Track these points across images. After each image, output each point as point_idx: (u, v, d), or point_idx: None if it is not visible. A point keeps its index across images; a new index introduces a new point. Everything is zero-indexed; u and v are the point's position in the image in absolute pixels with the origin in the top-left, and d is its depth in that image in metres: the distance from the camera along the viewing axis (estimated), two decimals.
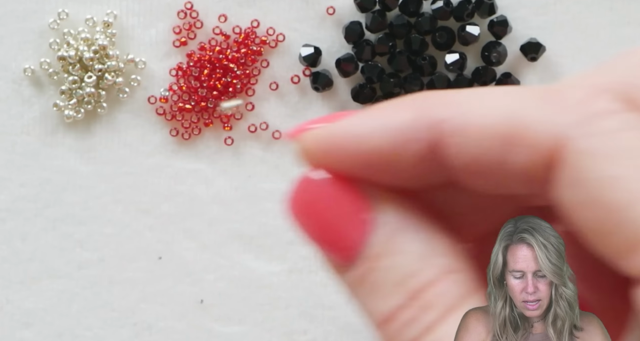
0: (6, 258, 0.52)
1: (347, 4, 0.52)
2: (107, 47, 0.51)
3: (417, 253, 0.35)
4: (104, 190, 0.52)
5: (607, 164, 0.30)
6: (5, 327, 0.52)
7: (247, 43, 0.52)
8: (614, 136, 0.30)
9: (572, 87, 0.32)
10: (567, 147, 0.31)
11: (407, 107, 0.37)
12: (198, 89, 0.52)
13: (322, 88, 0.52)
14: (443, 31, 0.52)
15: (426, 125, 0.36)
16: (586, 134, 0.31)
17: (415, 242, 0.36)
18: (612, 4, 0.53)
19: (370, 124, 0.39)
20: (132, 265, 0.52)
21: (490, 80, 0.52)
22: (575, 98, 0.32)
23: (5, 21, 0.52)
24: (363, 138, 0.39)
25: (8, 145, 0.52)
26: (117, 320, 0.52)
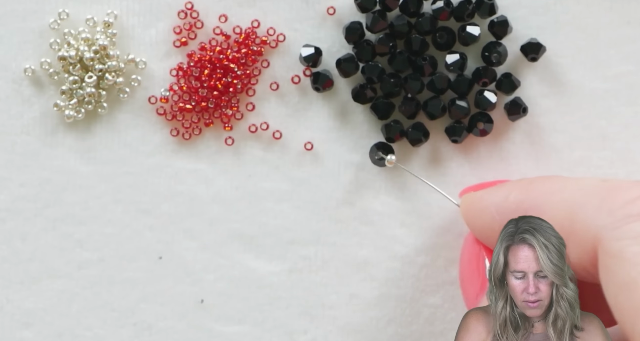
0: (6, 258, 0.52)
1: (347, 4, 0.52)
2: (108, 47, 0.51)
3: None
4: (104, 190, 0.52)
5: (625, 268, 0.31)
6: (5, 327, 0.52)
7: (247, 43, 0.52)
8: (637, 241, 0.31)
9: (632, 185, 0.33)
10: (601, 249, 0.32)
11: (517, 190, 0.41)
12: (198, 89, 0.52)
13: (322, 88, 0.52)
14: (443, 31, 0.52)
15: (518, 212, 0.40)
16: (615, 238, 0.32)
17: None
18: (612, 4, 0.53)
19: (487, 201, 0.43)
20: (132, 264, 0.52)
21: (490, 80, 0.52)
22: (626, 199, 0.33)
23: (5, 21, 0.52)
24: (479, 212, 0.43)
25: (8, 145, 0.52)
26: (117, 320, 0.52)
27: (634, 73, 0.53)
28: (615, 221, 0.32)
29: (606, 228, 0.32)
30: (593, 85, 0.53)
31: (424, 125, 0.52)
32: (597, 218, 0.33)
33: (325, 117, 0.52)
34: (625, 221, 0.32)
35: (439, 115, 0.52)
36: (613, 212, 0.33)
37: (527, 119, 0.53)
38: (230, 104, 0.52)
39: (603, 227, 0.33)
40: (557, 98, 0.53)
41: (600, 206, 0.33)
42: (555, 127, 0.53)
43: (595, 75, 0.53)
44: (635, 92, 0.53)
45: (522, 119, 0.53)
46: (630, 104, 0.53)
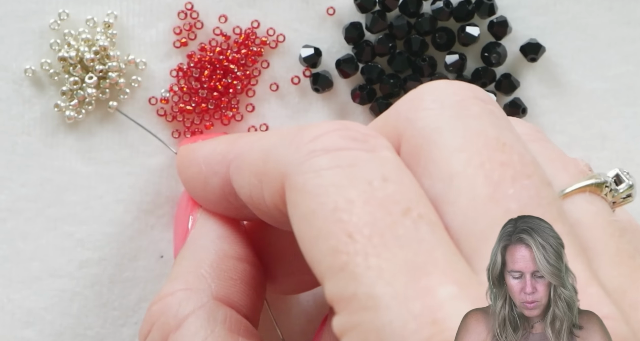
0: (7, 257, 0.52)
1: (347, 4, 0.52)
2: (108, 48, 0.51)
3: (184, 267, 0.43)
4: (105, 190, 0.52)
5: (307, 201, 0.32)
6: (6, 326, 0.52)
7: (247, 44, 0.52)
8: (318, 174, 0.32)
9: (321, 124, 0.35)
10: (285, 184, 0.33)
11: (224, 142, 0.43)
12: (199, 90, 0.52)
13: (322, 89, 0.52)
14: (443, 32, 0.52)
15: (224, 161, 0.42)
16: (298, 172, 0.33)
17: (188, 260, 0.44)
18: (612, 4, 0.53)
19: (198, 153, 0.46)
20: (134, 264, 0.52)
21: (490, 80, 0.52)
22: (310, 136, 0.34)
23: (6, 21, 0.52)
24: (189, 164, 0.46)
25: (8, 145, 0.52)
26: (118, 319, 0.52)
27: (633, 73, 0.53)
28: (300, 156, 0.34)
29: (292, 164, 0.34)
30: (593, 85, 0.53)
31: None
32: (285, 155, 0.35)
33: (325, 117, 0.52)
34: (309, 156, 0.34)
35: None
36: (299, 149, 0.34)
37: (527, 120, 0.53)
38: (230, 105, 0.52)
39: (289, 163, 0.34)
40: (557, 99, 0.53)
41: (290, 144, 0.34)
42: (554, 127, 0.53)
43: (595, 76, 0.53)
44: (635, 92, 0.53)
45: (522, 119, 0.53)
46: (630, 104, 0.53)
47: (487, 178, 0.33)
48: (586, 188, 0.36)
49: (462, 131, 0.34)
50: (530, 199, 0.32)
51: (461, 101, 0.36)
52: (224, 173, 0.41)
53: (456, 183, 0.33)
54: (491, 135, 0.34)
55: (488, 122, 0.35)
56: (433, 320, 0.29)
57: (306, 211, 0.32)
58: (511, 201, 0.32)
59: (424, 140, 0.35)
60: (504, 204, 0.32)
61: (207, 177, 0.43)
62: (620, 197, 0.38)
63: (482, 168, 0.33)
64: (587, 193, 0.36)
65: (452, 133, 0.34)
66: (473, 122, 0.35)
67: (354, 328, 0.30)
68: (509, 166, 0.33)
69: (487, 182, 0.33)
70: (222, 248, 0.43)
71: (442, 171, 0.34)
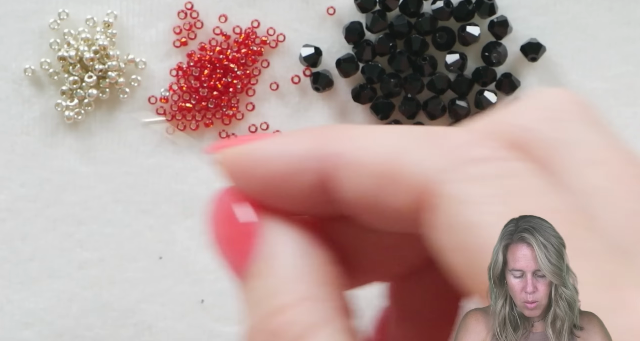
0: (6, 258, 0.52)
1: (347, 4, 0.52)
2: (108, 47, 0.51)
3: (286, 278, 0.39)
4: (104, 190, 0.52)
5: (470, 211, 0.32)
6: (5, 327, 0.52)
7: (247, 43, 0.52)
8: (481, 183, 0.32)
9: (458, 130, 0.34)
10: (436, 192, 0.33)
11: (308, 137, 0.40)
12: (199, 89, 0.52)
13: (322, 88, 0.52)
14: (443, 31, 0.52)
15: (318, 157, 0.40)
16: (454, 180, 0.33)
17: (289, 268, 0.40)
18: (612, 4, 0.53)
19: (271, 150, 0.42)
20: (133, 265, 0.52)
21: (490, 80, 0.52)
22: (456, 143, 0.34)
23: (5, 21, 0.52)
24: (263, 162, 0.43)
25: (8, 145, 0.52)
26: (117, 320, 0.52)
27: (633, 73, 0.53)
28: (455, 164, 0.33)
29: (440, 171, 0.33)
30: (593, 85, 0.53)
31: (424, 125, 0.52)
32: (426, 161, 0.34)
33: (326, 117, 0.52)
34: (466, 164, 0.33)
35: (439, 115, 0.52)
36: (446, 155, 0.33)
37: None
38: (230, 104, 0.52)
39: (436, 169, 0.33)
40: None
41: (430, 149, 0.34)
42: None
43: (595, 76, 0.53)
44: (635, 92, 0.53)
45: None
46: (630, 104, 0.53)
47: (630, 193, 0.33)
48: None
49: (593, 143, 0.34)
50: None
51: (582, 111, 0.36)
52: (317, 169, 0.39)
53: (599, 197, 0.33)
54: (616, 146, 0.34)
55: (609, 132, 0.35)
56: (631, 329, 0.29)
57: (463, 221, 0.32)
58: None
59: (555, 152, 0.34)
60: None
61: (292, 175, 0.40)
62: None
63: (621, 181, 0.33)
64: None
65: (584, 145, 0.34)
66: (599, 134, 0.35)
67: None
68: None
69: (630, 196, 0.33)
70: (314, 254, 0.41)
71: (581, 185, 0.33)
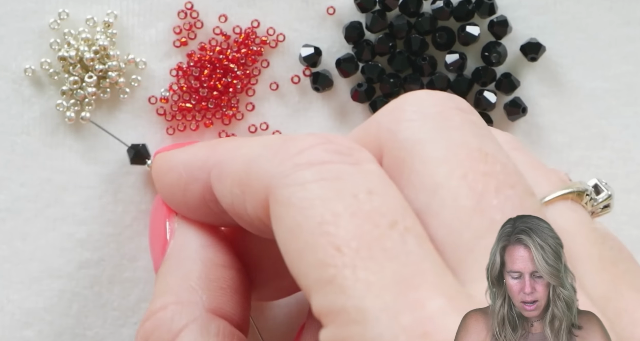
0: (6, 258, 0.52)
1: (347, 4, 0.52)
2: (108, 47, 0.51)
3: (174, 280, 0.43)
4: (104, 190, 0.52)
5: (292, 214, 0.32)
6: (5, 327, 0.52)
7: (247, 43, 0.52)
8: (303, 187, 0.32)
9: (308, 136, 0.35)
10: (271, 196, 0.33)
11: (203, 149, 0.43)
12: (199, 89, 0.52)
13: (322, 88, 0.52)
14: (443, 31, 0.52)
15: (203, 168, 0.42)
16: (284, 185, 0.33)
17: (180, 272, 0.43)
18: (612, 4, 0.53)
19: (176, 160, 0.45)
20: (133, 264, 0.52)
21: (490, 80, 0.52)
22: (299, 148, 0.34)
23: (5, 21, 0.52)
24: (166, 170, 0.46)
25: (8, 145, 0.52)
26: (117, 320, 0.52)
27: (634, 73, 0.53)
28: (285, 169, 0.34)
29: (276, 177, 0.34)
30: (593, 85, 0.53)
31: None
32: (269, 168, 0.35)
33: (325, 116, 0.52)
34: (294, 169, 0.33)
35: None
36: (283, 162, 0.34)
37: (527, 119, 0.53)
38: (230, 104, 0.52)
39: (274, 176, 0.34)
40: (557, 98, 0.53)
41: (274, 157, 0.35)
42: (554, 127, 0.53)
43: (595, 75, 0.53)
44: (635, 92, 0.53)
45: (522, 119, 0.53)
46: (630, 104, 0.53)
47: (471, 190, 0.33)
48: (568, 196, 0.36)
49: (444, 142, 0.34)
50: (514, 209, 0.32)
51: (442, 112, 0.36)
52: (205, 180, 0.41)
53: (440, 195, 0.33)
54: (473, 145, 0.34)
55: (470, 132, 0.35)
56: (423, 333, 0.29)
57: (292, 224, 0.32)
58: (495, 212, 0.32)
59: (406, 152, 0.35)
60: (488, 215, 0.32)
61: (188, 184, 0.43)
62: (598, 207, 0.38)
63: (465, 179, 0.33)
64: (569, 201, 0.36)
65: (434, 145, 0.34)
66: (455, 133, 0.35)
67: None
68: (492, 177, 0.33)
69: (471, 193, 0.33)
70: (207, 257, 0.43)
71: (425, 183, 0.34)
